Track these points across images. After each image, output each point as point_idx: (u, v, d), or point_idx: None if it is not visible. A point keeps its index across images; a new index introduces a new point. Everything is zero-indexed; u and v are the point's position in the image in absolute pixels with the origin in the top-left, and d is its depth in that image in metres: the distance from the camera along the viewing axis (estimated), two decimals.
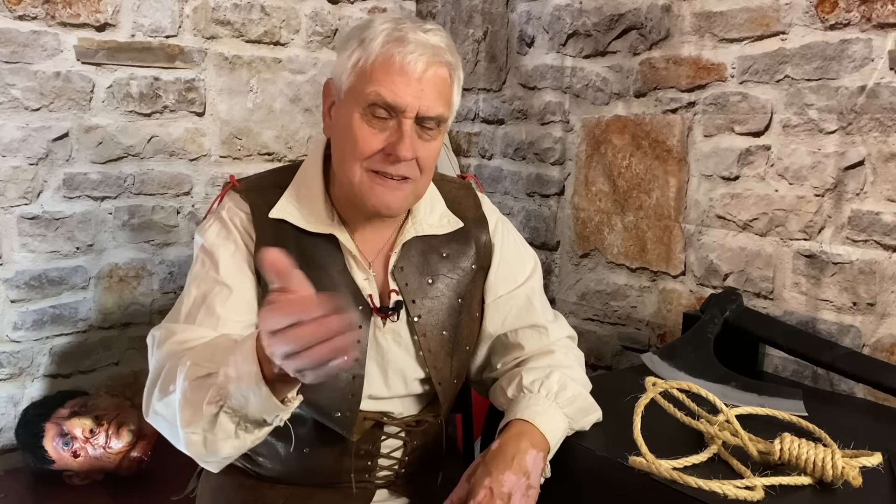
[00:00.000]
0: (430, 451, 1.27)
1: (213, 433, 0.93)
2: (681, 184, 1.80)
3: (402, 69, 1.05)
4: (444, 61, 1.09)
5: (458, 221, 1.23)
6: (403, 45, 1.05)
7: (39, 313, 1.90)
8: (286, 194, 1.16)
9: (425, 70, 1.06)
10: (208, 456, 0.97)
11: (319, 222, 1.14)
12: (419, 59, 1.05)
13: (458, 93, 1.14)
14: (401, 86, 1.05)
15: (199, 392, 0.94)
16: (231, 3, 2.10)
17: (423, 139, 1.09)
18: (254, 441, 0.96)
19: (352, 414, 1.15)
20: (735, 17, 1.65)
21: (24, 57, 1.80)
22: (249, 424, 0.93)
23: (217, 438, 0.94)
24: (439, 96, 1.08)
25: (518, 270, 1.28)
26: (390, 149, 1.06)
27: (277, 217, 1.13)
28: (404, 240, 1.18)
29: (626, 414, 1.08)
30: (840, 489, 1.01)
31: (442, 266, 1.20)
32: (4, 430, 1.88)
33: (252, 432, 0.94)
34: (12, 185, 1.82)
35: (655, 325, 1.89)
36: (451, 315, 1.20)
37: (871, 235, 1.47)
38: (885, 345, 1.47)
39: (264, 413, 0.92)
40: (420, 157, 1.09)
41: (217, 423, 0.93)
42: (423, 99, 1.06)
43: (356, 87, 1.08)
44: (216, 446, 0.95)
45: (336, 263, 1.15)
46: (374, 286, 1.16)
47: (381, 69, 1.06)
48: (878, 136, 1.45)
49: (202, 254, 1.14)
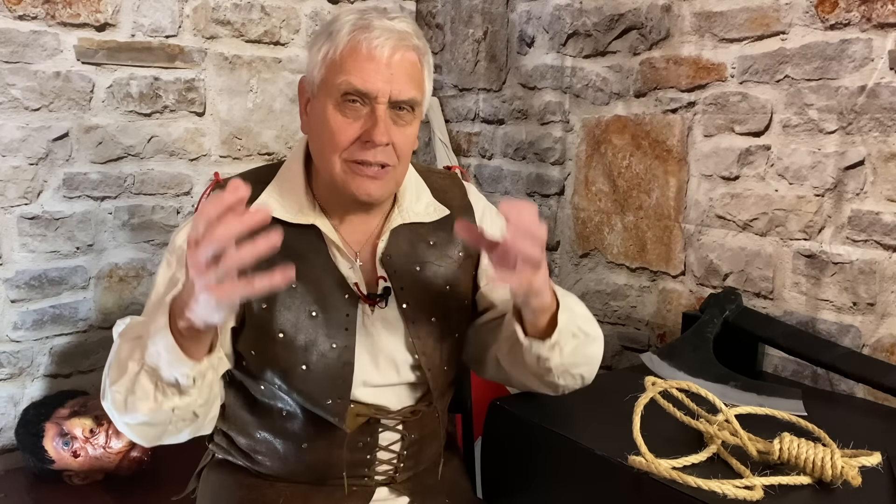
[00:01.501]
0: (428, 446, 1.27)
1: (132, 393, 0.98)
2: (681, 184, 1.80)
3: (369, 54, 1.07)
4: (411, 45, 1.10)
5: (445, 209, 1.24)
6: (369, 31, 1.07)
7: (39, 313, 1.90)
8: (268, 189, 1.17)
9: (392, 54, 1.07)
10: (128, 416, 1.01)
11: (301, 214, 1.16)
12: (385, 44, 1.07)
13: (430, 78, 1.16)
14: (370, 72, 1.07)
15: (126, 352, 0.99)
16: (231, 3, 2.10)
17: (398, 124, 1.10)
18: (172, 409, 0.99)
19: (343, 401, 1.15)
20: (735, 17, 1.65)
21: (24, 57, 1.80)
22: (166, 387, 0.97)
23: (136, 398, 0.98)
24: (410, 79, 1.10)
25: None
26: (366, 135, 1.07)
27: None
28: (391, 227, 1.19)
29: (626, 413, 1.08)
30: (839, 489, 1.01)
31: (429, 254, 1.21)
32: (4, 430, 1.88)
33: (169, 397, 0.98)
34: (12, 185, 1.82)
35: (655, 325, 1.89)
36: (439, 302, 1.21)
37: (871, 235, 1.47)
38: (885, 345, 1.47)
39: (174, 368, 0.95)
40: (396, 143, 1.10)
41: (137, 382, 0.98)
42: (394, 83, 1.07)
43: (327, 79, 1.10)
44: (135, 405, 0.99)
45: (319, 254, 1.16)
46: (359, 274, 1.17)
47: (349, 58, 1.07)
48: (878, 136, 1.45)
49: (168, 254, 1.17)
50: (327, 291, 1.15)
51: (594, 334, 1.18)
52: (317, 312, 1.14)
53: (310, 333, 1.14)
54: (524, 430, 1.25)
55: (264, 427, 1.20)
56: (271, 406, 1.18)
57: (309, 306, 1.14)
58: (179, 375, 0.97)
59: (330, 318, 1.15)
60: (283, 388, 1.15)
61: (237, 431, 1.23)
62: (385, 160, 1.10)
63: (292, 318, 1.13)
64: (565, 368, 1.14)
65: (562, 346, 1.10)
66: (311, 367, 1.13)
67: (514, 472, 1.28)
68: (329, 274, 1.16)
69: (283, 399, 1.17)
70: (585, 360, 1.17)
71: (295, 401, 1.16)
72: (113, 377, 1.01)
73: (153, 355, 0.96)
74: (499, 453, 1.31)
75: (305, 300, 1.14)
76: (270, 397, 1.18)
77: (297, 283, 1.13)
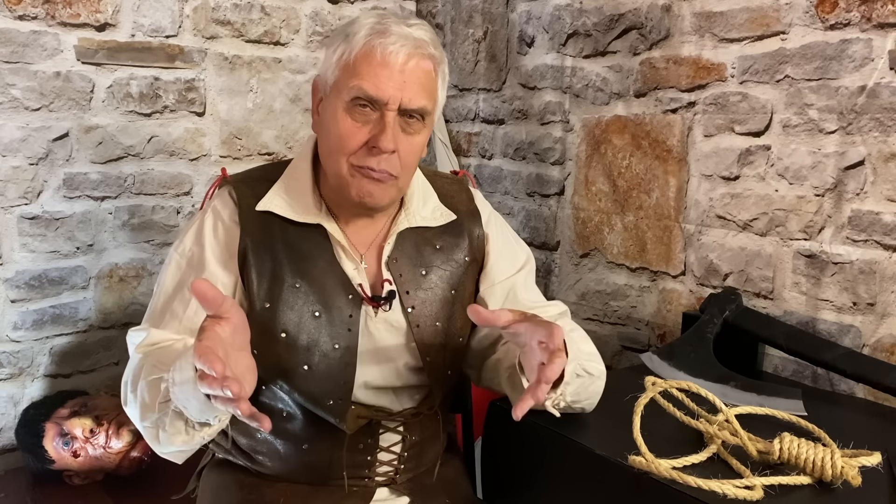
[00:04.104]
0: (429, 447, 1.27)
1: (164, 429, 1.00)
2: (681, 184, 1.80)
3: (383, 60, 1.06)
4: (427, 54, 1.09)
5: (451, 214, 1.24)
6: (385, 36, 1.06)
7: (39, 313, 1.90)
8: (275, 187, 1.17)
9: (407, 61, 1.07)
10: (162, 448, 1.04)
11: (307, 213, 1.16)
12: (401, 50, 1.06)
13: (443, 88, 1.15)
14: (383, 78, 1.06)
15: (152, 392, 1.00)
16: (231, 3, 2.10)
17: (407, 132, 1.10)
18: (203, 438, 1.02)
19: (343, 402, 1.15)
20: (735, 16, 1.65)
21: (24, 57, 1.80)
22: (196, 424, 0.99)
23: (168, 434, 1.00)
24: (422, 88, 1.09)
25: (513, 260, 1.28)
26: (373, 141, 1.07)
27: (264, 209, 1.15)
28: (397, 230, 1.19)
29: (626, 413, 1.08)
30: (839, 489, 1.01)
31: (435, 258, 1.21)
32: (4, 430, 1.88)
33: (199, 430, 1.00)
34: (12, 185, 1.82)
35: (655, 324, 1.89)
36: (444, 306, 1.21)
37: (871, 235, 1.47)
38: (885, 345, 1.47)
39: (204, 415, 0.96)
40: (401, 151, 1.09)
41: (167, 421, 0.99)
42: (406, 91, 1.07)
43: (340, 81, 1.09)
44: (168, 440, 1.01)
45: (324, 253, 1.16)
46: (364, 276, 1.17)
47: (363, 61, 1.07)
48: (878, 136, 1.45)
49: (178, 256, 1.17)
50: (331, 291, 1.15)
51: (598, 373, 1.17)
52: (320, 313, 1.14)
53: (312, 334, 1.13)
54: (524, 430, 1.25)
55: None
56: (272, 406, 1.18)
57: (312, 306, 1.14)
58: (211, 419, 0.98)
59: (333, 319, 1.14)
60: (285, 388, 1.15)
61: (238, 431, 1.23)
62: (388, 169, 1.09)
63: (295, 318, 1.13)
64: (566, 405, 1.13)
65: (565, 388, 1.09)
66: (313, 368, 1.13)
67: (514, 472, 1.28)
68: (333, 274, 1.15)
69: (283, 400, 1.17)
70: (587, 397, 1.17)
71: (296, 401, 1.16)
72: (142, 413, 1.02)
73: (181, 401, 0.95)
74: (499, 453, 1.31)
75: (309, 300, 1.14)
76: (271, 398, 1.18)
77: (301, 283, 1.13)
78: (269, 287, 1.13)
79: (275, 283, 1.13)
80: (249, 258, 1.14)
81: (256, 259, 1.13)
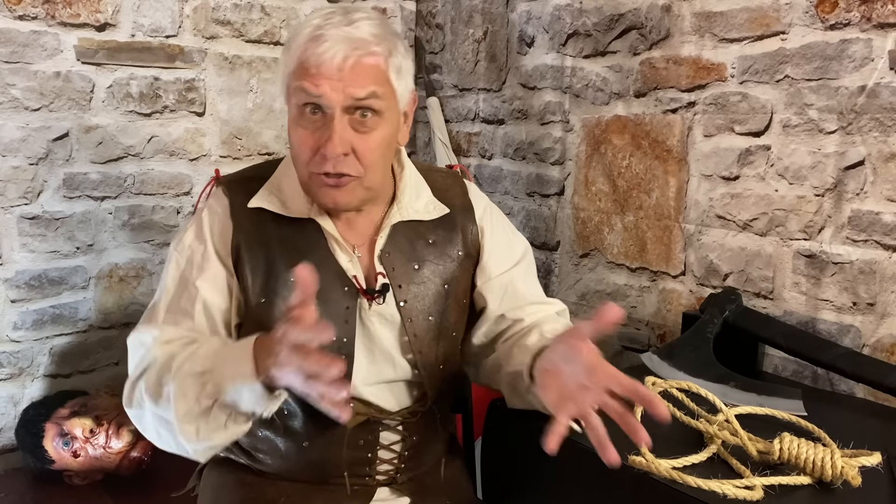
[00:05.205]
0: (429, 448, 1.27)
1: (206, 424, 1.01)
2: (681, 184, 1.80)
3: (318, 67, 1.04)
4: (368, 52, 1.06)
5: (445, 208, 1.24)
6: (318, 44, 1.05)
7: (39, 313, 1.90)
8: (266, 185, 1.18)
9: (343, 62, 1.04)
10: (198, 444, 1.05)
11: (299, 209, 1.16)
12: (336, 54, 1.04)
13: (401, 78, 1.11)
14: (322, 83, 1.04)
15: (193, 388, 1.01)
16: (231, 3, 2.10)
17: (361, 131, 1.08)
18: (241, 431, 1.04)
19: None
20: (735, 17, 1.65)
21: (24, 57, 1.80)
22: (240, 416, 1.01)
23: (209, 429, 1.02)
24: (366, 80, 1.06)
25: (510, 253, 1.28)
26: (322, 148, 1.06)
27: (256, 206, 1.16)
28: (390, 224, 1.19)
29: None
30: (839, 489, 1.01)
31: (428, 252, 1.21)
32: (4, 430, 1.88)
33: (241, 423, 1.02)
34: (12, 185, 1.82)
35: (655, 325, 1.89)
36: (437, 301, 1.21)
37: (871, 235, 1.47)
38: (885, 345, 1.47)
39: (256, 406, 0.99)
40: (358, 151, 1.07)
41: (210, 416, 1.01)
42: (346, 89, 1.05)
43: (289, 90, 1.10)
44: (209, 436, 1.02)
45: (319, 247, 1.16)
46: (358, 268, 1.17)
47: (301, 71, 1.06)
48: (878, 136, 1.45)
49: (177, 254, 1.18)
50: (326, 284, 1.14)
51: None
52: (316, 306, 1.14)
53: None
54: (524, 430, 1.25)
55: (265, 425, 1.19)
56: None
57: None
58: (263, 411, 1.00)
59: (329, 311, 1.14)
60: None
61: None
62: (345, 170, 1.07)
63: None
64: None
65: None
66: None
67: (514, 472, 1.28)
68: (328, 267, 1.15)
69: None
70: None
71: (295, 397, 1.16)
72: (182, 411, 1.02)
73: (233, 395, 0.98)
74: (499, 453, 1.31)
75: None
76: None
77: (296, 277, 1.13)
78: (264, 282, 1.14)
79: (269, 278, 1.14)
80: (243, 254, 1.14)
81: (250, 255, 1.14)
